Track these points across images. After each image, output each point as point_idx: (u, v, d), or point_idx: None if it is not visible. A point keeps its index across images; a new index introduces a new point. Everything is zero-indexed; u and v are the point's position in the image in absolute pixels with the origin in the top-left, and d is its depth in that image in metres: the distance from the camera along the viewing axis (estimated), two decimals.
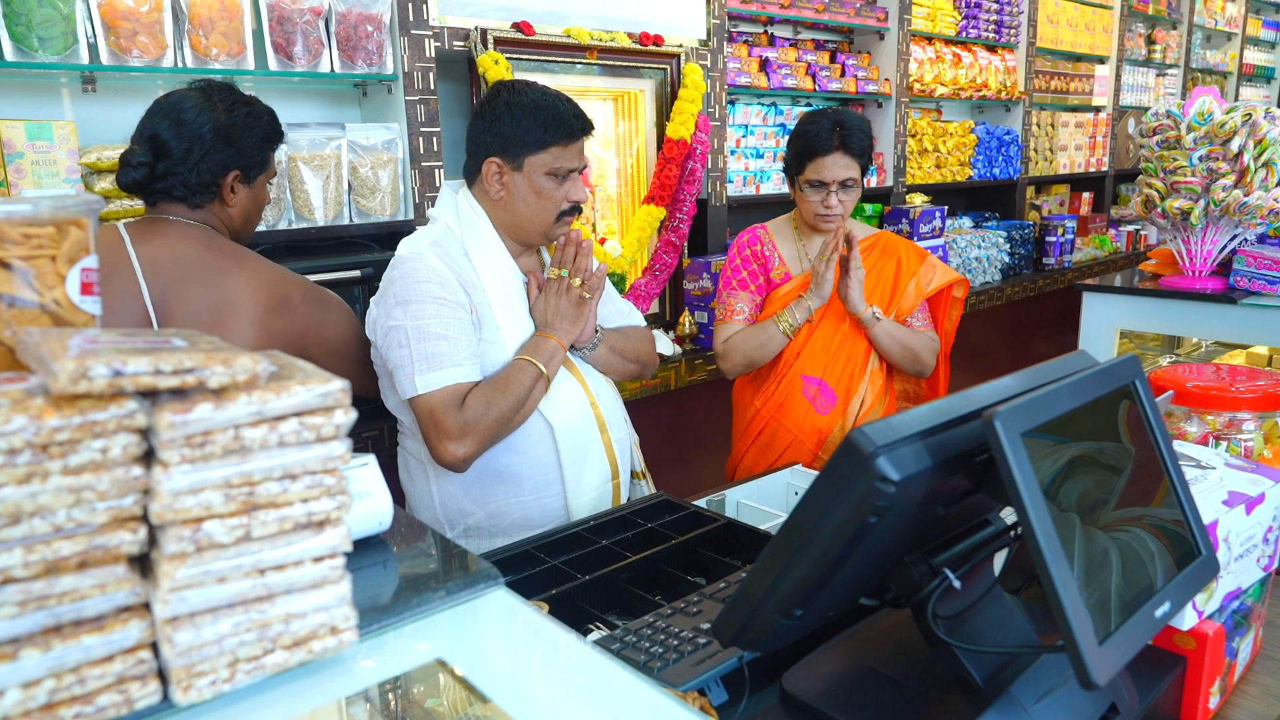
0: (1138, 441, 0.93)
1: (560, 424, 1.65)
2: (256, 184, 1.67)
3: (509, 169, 1.65)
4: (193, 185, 1.56)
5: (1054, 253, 4.53)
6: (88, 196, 0.72)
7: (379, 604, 0.71)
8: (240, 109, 1.61)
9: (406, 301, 1.56)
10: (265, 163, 1.67)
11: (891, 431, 0.76)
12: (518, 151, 1.63)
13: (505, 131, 1.62)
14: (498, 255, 1.67)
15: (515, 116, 1.62)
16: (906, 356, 2.13)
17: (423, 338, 1.54)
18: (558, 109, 1.64)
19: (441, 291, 1.57)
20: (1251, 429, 1.48)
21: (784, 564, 0.82)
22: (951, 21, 4.26)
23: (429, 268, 1.59)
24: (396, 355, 1.56)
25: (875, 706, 0.92)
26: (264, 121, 1.64)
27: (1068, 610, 0.73)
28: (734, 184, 3.38)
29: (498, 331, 1.63)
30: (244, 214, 1.67)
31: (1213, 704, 1.05)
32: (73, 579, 0.56)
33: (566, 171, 1.66)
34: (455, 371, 1.54)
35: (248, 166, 1.62)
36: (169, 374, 0.56)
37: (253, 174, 1.65)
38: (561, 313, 1.67)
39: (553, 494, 1.67)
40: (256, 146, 1.63)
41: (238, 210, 1.65)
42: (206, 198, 1.59)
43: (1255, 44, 7.62)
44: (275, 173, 1.73)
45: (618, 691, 0.71)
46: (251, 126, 1.61)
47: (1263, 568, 1.14)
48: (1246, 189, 2.30)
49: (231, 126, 1.58)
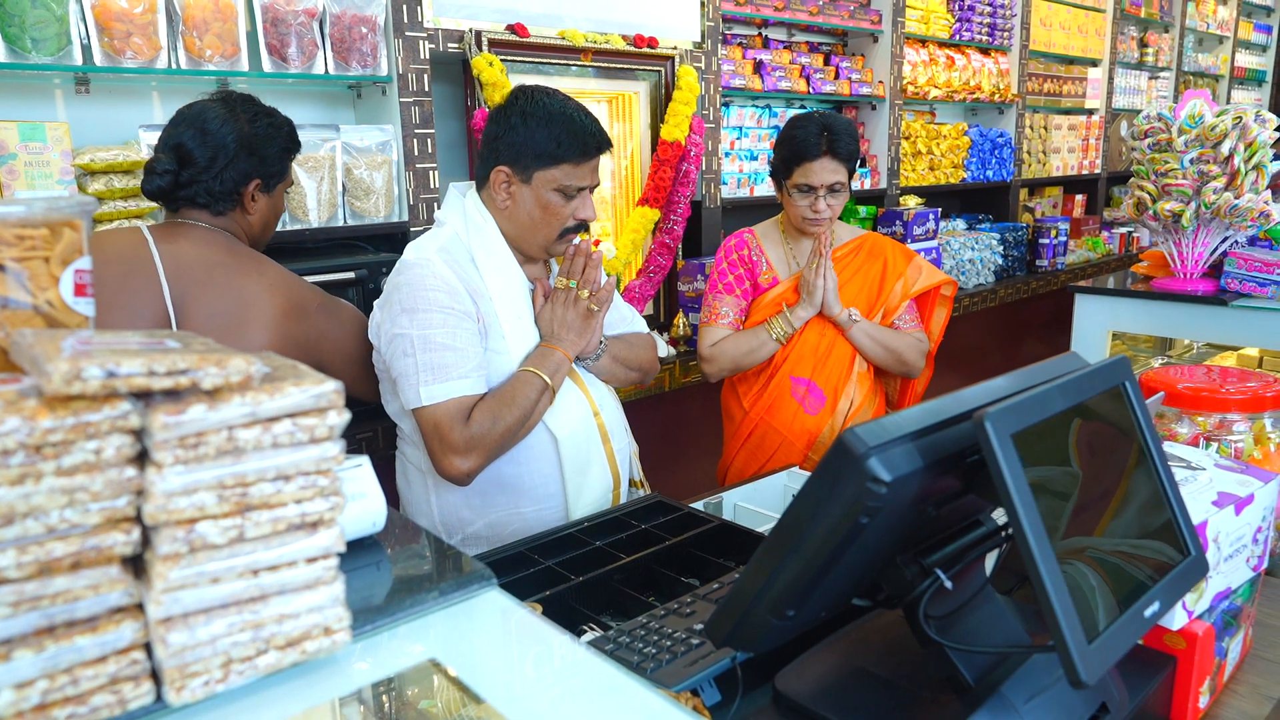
0: (1126, 443, 0.94)
1: (564, 435, 1.63)
2: (276, 192, 1.72)
3: (517, 180, 1.60)
4: (216, 193, 1.60)
5: (1047, 255, 4.55)
6: (81, 198, 0.72)
7: (372, 605, 0.72)
8: (262, 120, 1.65)
9: (413, 309, 1.52)
10: (285, 172, 1.72)
11: (883, 432, 0.77)
12: (528, 164, 1.59)
13: (517, 142, 1.58)
14: (505, 263, 1.64)
15: (529, 127, 1.57)
16: (889, 357, 2.14)
17: (429, 348, 1.51)
18: (574, 124, 1.58)
19: (449, 301, 1.54)
20: (1242, 430, 1.49)
21: (776, 565, 0.83)
22: (945, 24, 4.28)
23: (436, 275, 1.55)
24: (401, 364, 1.53)
25: (867, 707, 0.93)
26: (284, 132, 1.69)
27: (1057, 610, 0.73)
28: (728, 186, 3.39)
29: (504, 341, 1.60)
30: (263, 221, 1.72)
31: (1203, 703, 1.05)
32: (66, 580, 0.56)
33: (576, 189, 1.61)
34: (461, 384, 1.51)
35: (269, 175, 1.67)
36: (163, 375, 0.56)
37: (273, 183, 1.69)
38: (568, 324, 1.64)
39: (554, 504, 1.66)
40: (277, 156, 1.67)
41: (257, 218, 1.70)
42: (229, 205, 1.63)
43: (1246, 47, 7.66)
44: (293, 181, 1.77)
45: (610, 692, 0.71)
46: (273, 137, 1.66)
47: (1252, 568, 1.15)
48: (1237, 191, 2.32)
49: (254, 137, 1.63)
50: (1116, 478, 0.92)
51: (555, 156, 1.58)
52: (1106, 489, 0.90)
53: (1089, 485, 0.88)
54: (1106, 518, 0.88)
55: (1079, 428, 0.87)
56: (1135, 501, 0.93)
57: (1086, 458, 0.89)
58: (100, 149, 1.93)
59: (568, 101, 1.62)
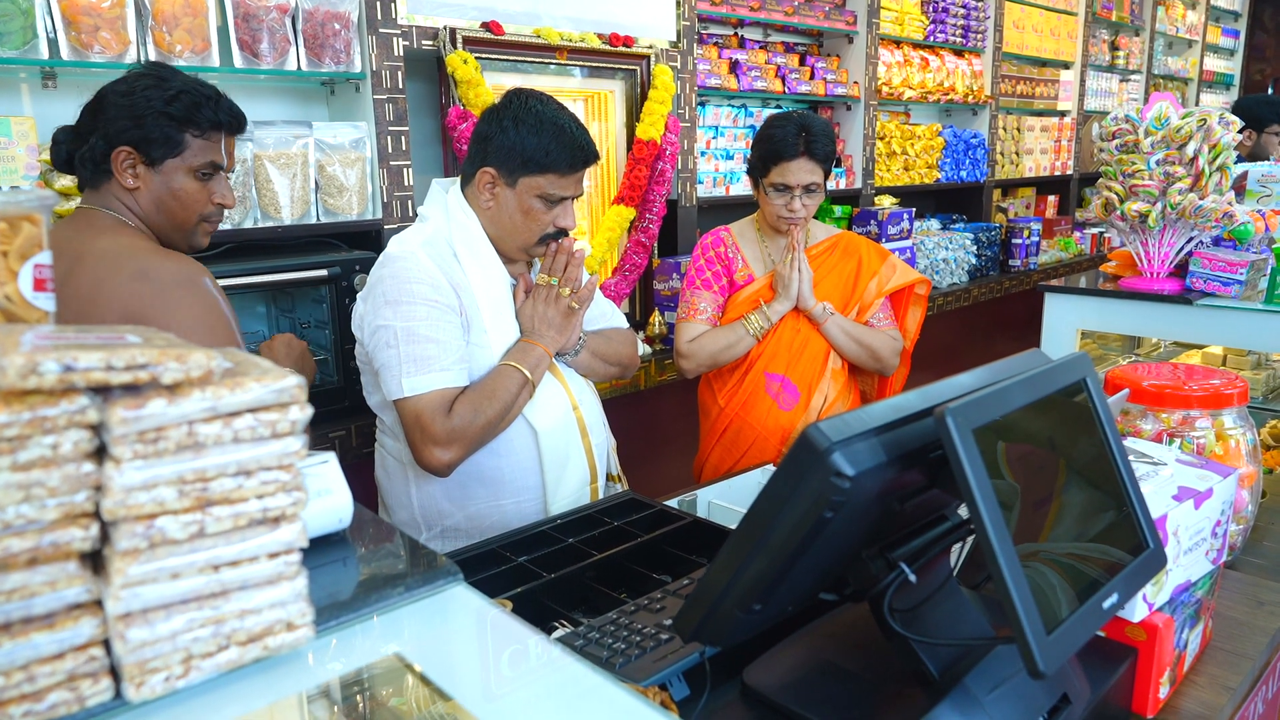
0: (1087, 438, 0.95)
1: (544, 428, 1.65)
2: (167, 169, 1.48)
3: (502, 183, 1.61)
4: (86, 160, 1.46)
5: (1020, 254, 4.60)
6: (40, 192, 0.71)
7: (337, 600, 0.71)
8: (146, 79, 1.46)
9: (396, 301, 1.54)
10: (170, 142, 1.47)
11: (846, 428, 0.77)
12: (514, 169, 1.59)
13: (506, 145, 1.59)
14: (487, 258, 1.65)
15: (520, 133, 1.58)
16: (863, 353, 2.16)
17: (412, 340, 1.52)
18: (565, 135, 1.58)
19: (433, 294, 1.55)
20: (1204, 427, 1.52)
21: (742, 559, 0.84)
22: (919, 26, 4.31)
23: (420, 267, 1.56)
24: (384, 355, 1.54)
25: (834, 699, 0.94)
26: (169, 94, 1.46)
27: (1016, 601, 0.74)
28: (704, 185, 3.40)
29: (485, 334, 1.61)
30: (154, 201, 1.49)
31: (1163, 694, 1.07)
32: (22, 576, 0.56)
33: (559, 198, 1.62)
34: (444, 376, 1.53)
35: (145, 142, 1.45)
36: (121, 369, 0.56)
37: (155, 153, 1.46)
38: (549, 321, 1.66)
39: (532, 497, 1.67)
40: (155, 120, 1.44)
41: (145, 197, 1.49)
42: (101, 177, 1.47)
43: (1215, 51, 7.78)
44: (214, 164, 1.53)
45: (578, 687, 0.72)
46: (150, 99, 1.44)
47: (1211, 561, 1.17)
48: (1201, 192, 2.36)
49: (129, 96, 1.44)
50: (1077, 472, 0.93)
51: (542, 165, 1.58)
52: (1066, 483, 0.92)
53: (1048, 480, 0.89)
54: (1066, 512, 0.89)
55: (1040, 422, 0.89)
56: (1094, 496, 0.94)
57: (1047, 452, 0.90)
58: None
59: (561, 111, 1.63)
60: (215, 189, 1.55)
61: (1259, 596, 1.31)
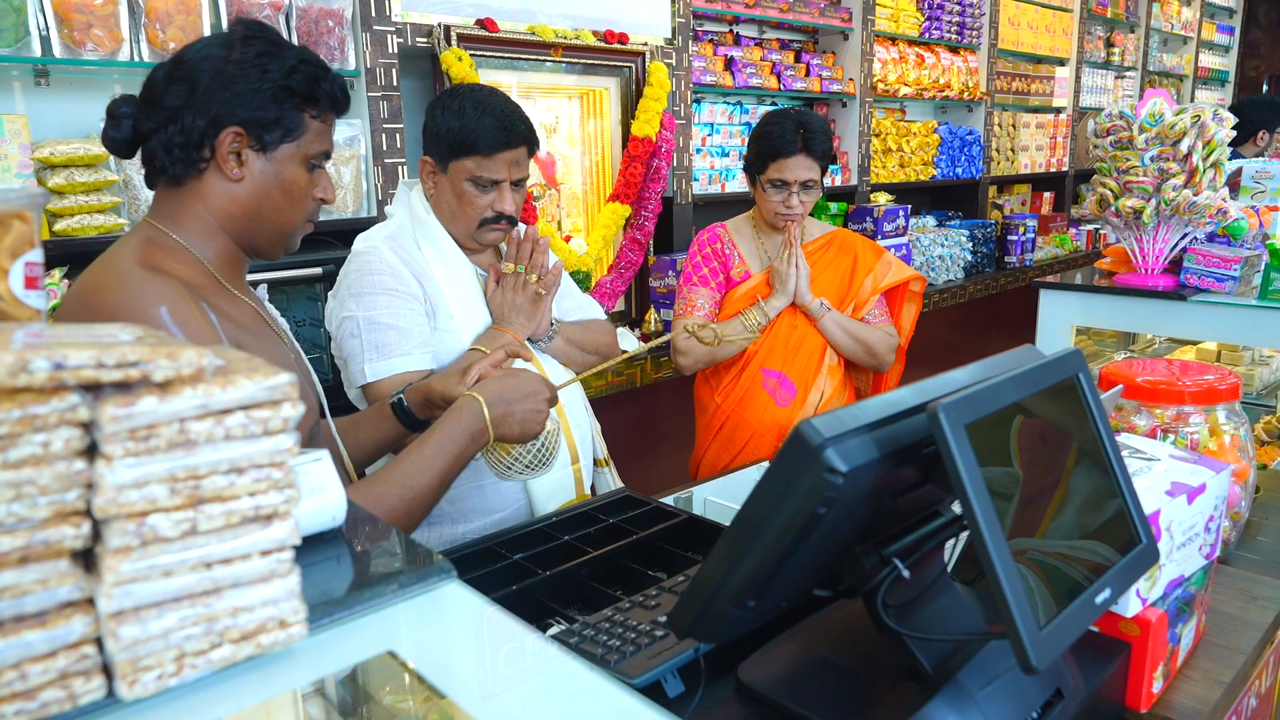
0: (1080, 433, 0.96)
1: None
2: (279, 156, 1.21)
3: (439, 170, 1.67)
4: (177, 145, 1.15)
5: (1015, 251, 4.61)
6: (31, 189, 0.71)
7: (330, 598, 0.71)
8: (255, 44, 1.17)
9: (359, 294, 1.59)
10: (291, 124, 1.20)
11: (839, 424, 0.77)
12: (444, 154, 1.65)
13: (436, 131, 1.64)
14: (447, 248, 1.69)
15: (446, 118, 1.63)
16: (860, 349, 2.17)
17: (374, 328, 1.57)
18: (486, 117, 1.60)
19: (394, 283, 1.60)
20: (1198, 422, 1.52)
21: (736, 556, 0.84)
22: (914, 22, 4.31)
23: (382, 260, 1.62)
24: (349, 345, 1.60)
25: (828, 695, 0.94)
26: (288, 65, 1.18)
27: (1009, 597, 0.74)
28: (699, 182, 3.40)
29: (451, 320, 1.66)
30: (258, 195, 1.21)
31: (1156, 688, 1.08)
32: (13, 574, 0.55)
33: (490, 181, 1.64)
34: (404, 360, 1.58)
35: (258, 124, 1.18)
36: (112, 367, 0.56)
37: (269, 136, 1.19)
38: (518, 308, 1.69)
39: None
40: (275, 95, 1.17)
41: (248, 189, 1.20)
42: (194, 168, 1.17)
43: (1210, 48, 7.80)
44: (326, 153, 1.28)
45: (572, 685, 0.72)
46: (267, 69, 1.16)
47: (1205, 555, 1.17)
48: (1196, 189, 2.36)
49: (239, 65, 1.15)
50: (1070, 467, 0.94)
51: (465, 147, 1.62)
52: (1059, 478, 0.92)
53: (1043, 474, 0.89)
54: (1059, 507, 0.89)
55: (1032, 418, 0.89)
56: (1087, 491, 0.94)
57: (1040, 447, 0.90)
58: (60, 142, 1.90)
59: (493, 95, 1.65)
60: (320, 181, 1.29)
61: (1252, 591, 1.32)
